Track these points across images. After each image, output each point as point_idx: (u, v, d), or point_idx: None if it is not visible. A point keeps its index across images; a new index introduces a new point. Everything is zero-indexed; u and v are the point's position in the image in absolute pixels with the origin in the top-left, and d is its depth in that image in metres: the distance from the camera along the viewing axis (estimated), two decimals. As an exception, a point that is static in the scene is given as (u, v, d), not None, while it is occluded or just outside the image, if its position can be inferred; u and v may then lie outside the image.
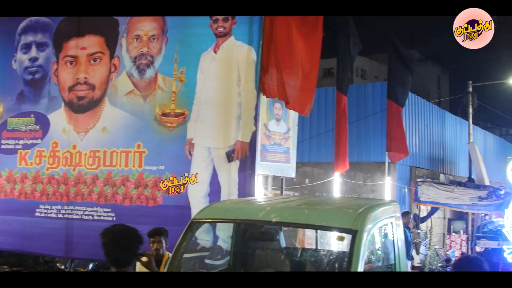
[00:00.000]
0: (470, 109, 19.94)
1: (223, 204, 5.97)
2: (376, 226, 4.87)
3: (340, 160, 10.36)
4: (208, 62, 8.34)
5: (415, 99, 18.22)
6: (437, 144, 20.01)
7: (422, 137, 18.50)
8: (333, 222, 4.64)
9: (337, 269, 5.02)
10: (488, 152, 26.06)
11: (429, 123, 19.31)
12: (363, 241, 4.40)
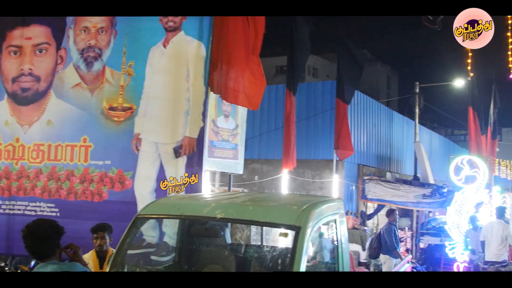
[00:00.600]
0: (416, 109, 20.45)
1: (168, 200, 5.93)
2: (320, 222, 4.93)
3: (288, 157, 10.43)
4: (157, 56, 8.25)
5: (364, 98, 18.54)
6: (384, 143, 20.44)
7: (370, 136, 18.85)
8: (277, 219, 4.68)
9: (280, 265, 5.06)
10: (433, 151, 26.79)
11: (377, 122, 19.69)
12: (306, 238, 4.45)
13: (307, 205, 4.78)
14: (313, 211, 4.72)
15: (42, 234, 3.91)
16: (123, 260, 4.92)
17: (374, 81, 53.84)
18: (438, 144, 29.02)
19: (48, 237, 3.93)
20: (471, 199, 14.23)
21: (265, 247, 5.98)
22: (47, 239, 3.91)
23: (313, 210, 4.74)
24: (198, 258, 5.91)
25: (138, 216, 5.06)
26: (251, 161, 17.33)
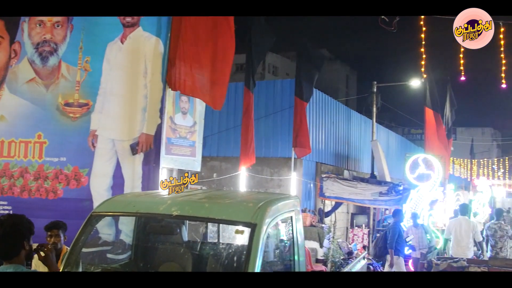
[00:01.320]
0: (374, 108, 20.77)
1: (124, 197, 5.88)
2: (276, 220, 4.97)
3: (246, 155, 10.47)
4: (114, 52, 8.16)
5: (322, 97, 18.70)
6: (342, 141, 20.67)
7: (328, 134, 19.02)
8: (233, 216, 4.70)
9: (236, 262, 5.08)
10: (390, 150, 27.25)
11: (335, 121, 19.89)
12: (262, 235, 4.48)
13: (263, 203, 4.81)
14: (269, 208, 4.76)
15: (1, 232, 3.60)
16: (77, 259, 4.86)
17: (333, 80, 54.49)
18: (395, 143, 29.52)
19: (8, 235, 3.61)
20: (426, 197, 14.58)
21: (221, 244, 5.99)
22: (7, 238, 3.60)
23: (269, 208, 4.77)
24: (154, 256, 5.88)
25: (93, 214, 5.01)
26: (210, 158, 17.28)
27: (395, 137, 30.34)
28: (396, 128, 45.61)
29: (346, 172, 19.73)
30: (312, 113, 17.13)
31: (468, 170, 35.86)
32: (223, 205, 4.95)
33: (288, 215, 5.30)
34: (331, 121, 19.36)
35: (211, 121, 17.22)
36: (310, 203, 17.03)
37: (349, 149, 21.46)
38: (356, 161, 22.37)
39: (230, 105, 17.18)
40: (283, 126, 16.56)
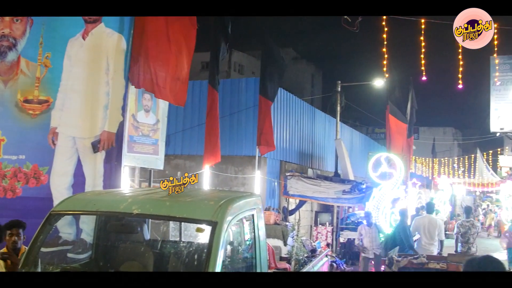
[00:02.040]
0: (338, 107, 20.96)
1: (84, 195, 5.80)
2: (237, 218, 4.97)
3: (210, 153, 10.44)
4: (75, 48, 8.03)
5: (287, 95, 18.78)
6: (307, 140, 20.80)
7: (292, 132, 19.12)
8: (194, 214, 4.69)
9: (197, 260, 5.06)
10: (354, 149, 27.55)
11: (300, 119, 20.00)
12: (223, 233, 4.48)
13: (224, 201, 4.81)
14: (230, 206, 4.76)
15: None
16: (35, 259, 4.78)
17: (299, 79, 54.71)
18: (359, 142, 29.86)
19: None
20: (388, 195, 14.78)
21: (183, 242, 5.96)
22: None
23: (230, 205, 4.78)
24: (116, 255, 5.81)
25: (52, 213, 4.94)
26: (174, 156, 17.19)
27: (359, 136, 30.68)
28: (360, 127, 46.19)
29: (310, 171, 19.87)
30: (276, 111, 17.20)
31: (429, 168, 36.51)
32: (184, 203, 4.93)
33: (250, 213, 5.31)
34: (295, 120, 19.46)
35: (176, 119, 17.12)
36: (274, 201, 17.09)
37: (313, 148, 21.61)
38: (320, 160, 22.54)
39: (195, 103, 17.12)
40: (247, 125, 16.59)
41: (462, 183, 33.44)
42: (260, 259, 5.46)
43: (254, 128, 13.93)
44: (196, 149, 16.53)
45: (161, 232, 6.83)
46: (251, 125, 15.91)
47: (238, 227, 5.32)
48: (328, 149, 23.10)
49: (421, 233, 12.71)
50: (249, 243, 5.46)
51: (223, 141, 16.34)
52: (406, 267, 10.26)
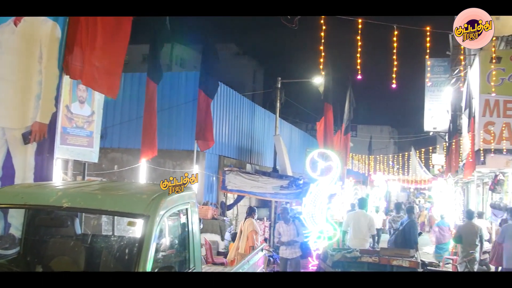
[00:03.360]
0: (277, 103, 21.10)
1: (12, 188, 5.59)
2: (170, 211, 4.93)
3: (147, 147, 10.31)
4: (6, 34, 7.68)
5: (227, 90, 18.77)
6: (246, 135, 20.84)
7: (232, 128, 19.12)
8: (125, 208, 4.62)
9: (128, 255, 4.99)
10: (293, 145, 27.84)
11: (239, 114, 20.02)
12: (155, 227, 4.44)
13: (157, 194, 4.76)
14: (163, 200, 4.72)
15: None
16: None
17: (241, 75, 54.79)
18: (298, 138, 30.18)
19: None
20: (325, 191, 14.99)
21: (114, 237, 5.84)
22: None
23: (163, 199, 4.73)
24: (45, 250, 5.64)
25: (-23, 206, 4.74)
26: (111, 150, 16.87)
27: (298, 132, 31.01)
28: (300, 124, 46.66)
29: (248, 166, 19.94)
30: (216, 106, 17.16)
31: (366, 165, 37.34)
32: (116, 196, 4.84)
33: (184, 207, 5.28)
34: (235, 115, 19.46)
35: (113, 111, 16.80)
36: (212, 196, 17.06)
37: (252, 143, 21.68)
38: (259, 155, 22.65)
39: (133, 95, 16.85)
40: (186, 119, 16.47)
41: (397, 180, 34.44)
42: (194, 254, 5.43)
43: (193, 123, 13.84)
44: (134, 143, 16.23)
45: (92, 226, 6.68)
46: (190, 119, 15.80)
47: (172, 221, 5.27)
48: (267, 144, 23.23)
49: (351, 228, 13.00)
50: (183, 237, 5.42)
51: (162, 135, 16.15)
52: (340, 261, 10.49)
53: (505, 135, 16.59)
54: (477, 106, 17.17)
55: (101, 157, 16.79)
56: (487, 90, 16.21)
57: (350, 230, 13.11)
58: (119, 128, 16.96)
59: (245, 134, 20.73)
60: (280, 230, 12.31)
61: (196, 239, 5.55)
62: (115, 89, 8.16)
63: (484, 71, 16.67)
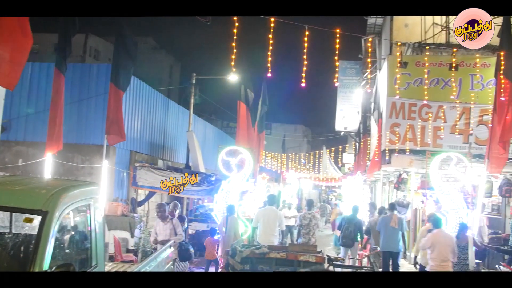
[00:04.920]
0: (192, 99, 21.00)
1: None
2: (71, 207, 4.78)
3: (54, 140, 9.95)
4: None
5: (140, 85, 18.45)
6: (159, 131, 20.58)
7: (144, 123, 18.81)
8: (22, 203, 4.44)
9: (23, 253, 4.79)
10: (207, 142, 27.81)
11: (152, 109, 19.73)
12: (54, 223, 4.30)
13: (57, 189, 4.61)
14: (64, 196, 4.58)
15: None
16: None
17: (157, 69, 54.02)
18: (212, 135, 30.17)
19: None
20: (236, 188, 15.09)
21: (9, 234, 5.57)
22: None
23: (64, 195, 4.59)
24: None
25: None
26: (15, 143, 16.12)
27: (213, 129, 31.00)
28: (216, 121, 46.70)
29: (160, 162, 19.71)
30: (128, 100, 16.82)
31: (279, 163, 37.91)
32: (13, 191, 4.65)
33: (86, 203, 5.14)
34: (148, 110, 19.17)
35: (19, 103, 16.09)
36: (122, 192, 16.73)
37: (165, 139, 21.44)
38: (172, 151, 22.43)
39: (41, 86, 16.20)
40: (97, 112, 16.03)
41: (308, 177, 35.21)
42: (96, 251, 5.30)
43: (104, 116, 13.45)
44: (40, 136, 15.56)
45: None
46: (101, 113, 15.37)
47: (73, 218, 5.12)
48: (180, 140, 23.04)
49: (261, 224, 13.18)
50: (85, 234, 5.27)
51: (71, 129, 15.67)
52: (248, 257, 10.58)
53: (409, 136, 17.40)
54: (384, 108, 17.87)
55: (4, 151, 16.08)
56: (394, 93, 16.92)
57: (260, 226, 13.28)
58: (25, 121, 16.23)
59: (158, 129, 20.46)
60: (156, 228, 11.80)
61: (99, 236, 5.42)
62: (13, 80, 7.78)
63: (392, 75, 17.39)
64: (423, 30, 20.46)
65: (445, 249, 10.46)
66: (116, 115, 12.16)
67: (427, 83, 16.08)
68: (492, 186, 16.13)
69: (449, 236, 10.85)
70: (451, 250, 10.46)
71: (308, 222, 14.17)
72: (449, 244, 10.51)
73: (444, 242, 10.56)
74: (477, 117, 17.27)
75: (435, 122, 17.42)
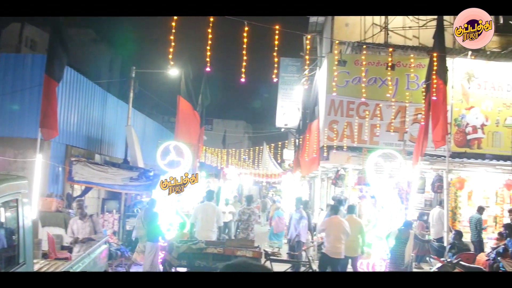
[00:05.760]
0: (131, 93, 20.64)
1: None
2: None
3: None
4: None
5: (77, 77, 17.99)
6: (96, 125, 20.12)
7: (81, 116, 18.35)
8: None
9: None
10: (147, 136, 27.44)
11: (90, 103, 19.28)
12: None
13: (-21, 184, 4.42)
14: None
15: None
16: None
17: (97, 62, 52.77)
18: (152, 130, 29.79)
19: None
20: (176, 183, 14.98)
21: None
22: None
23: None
24: None
25: None
26: None
27: (153, 124, 30.61)
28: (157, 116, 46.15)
29: (97, 156, 19.30)
30: (65, 93, 16.39)
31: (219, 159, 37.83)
32: None
33: (13, 197, 4.95)
34: (85, 103, 18.71)
35: None
36: (57, 187, 16.28)
37: (103, 133, 20.99)
38: (110, 146, 22.00)
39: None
40: (31, 104, 15.50)
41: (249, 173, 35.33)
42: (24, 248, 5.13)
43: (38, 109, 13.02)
44: (-29, 129, 15.03)
45: None
46: (35, 105, 14.86)
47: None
48: (119, 135, 22.59)
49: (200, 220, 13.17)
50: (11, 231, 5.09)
51: (3, 121, 15.14)
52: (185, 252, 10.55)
53: (346, 133, 17.73)
54: (323, 105, 18.13)
55: None
56: (332, 91, 17.20)
57: (198, 222, 13.25)
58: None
59: (95, 123, 20.00)
60: (73, 227, 11.27)
61: (27, 232, 5.24)
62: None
63: (331, 73, 17.64)
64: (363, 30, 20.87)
65: (338, 232, 11.80)
66: (50, 107, 11.81)
67: (364, 81, 16.41)
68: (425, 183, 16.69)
69: (342, 221, 12.18)
70: (343, 231, 11.80)
71: (247, 217, 14.28)
72: (341, 228, 11.88)
73: (337, 225, 11.94)
74: (412, 116, 17.78)
75: (372, 120, 17.81)
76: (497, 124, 18.26)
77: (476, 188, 18.04)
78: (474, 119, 18.27)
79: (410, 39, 20.93)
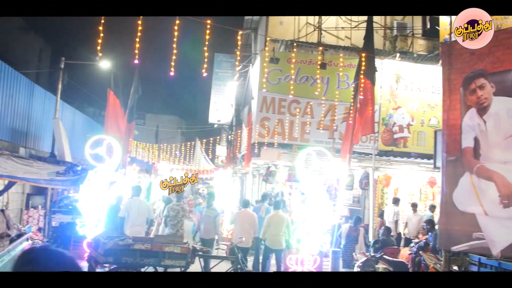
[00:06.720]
0: (59, 85, 20.05)
1: None
2: None
3: None
4: None
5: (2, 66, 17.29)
6: (21, 117, 19.39)
7: (5, 107, 17.64)
8: None
9: None
10: (76, 130, 26.72)
11: (15, 93, 18.55)
12: None
13: None
14: None
15: None
16: None
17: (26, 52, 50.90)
18: (82, 123, 29.03)
19: None
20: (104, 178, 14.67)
21: None
22: None
23: None
24: None
25: None
26: None
27: (82, 117, 29.86)
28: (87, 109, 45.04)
29: (22, 150, 18.63)
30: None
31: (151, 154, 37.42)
32: None
33: None
34: (9, 94, 17.99)
35: None
36: (-22, 183, 15.61)
37: (29, 126, 20.25)
38: (36, 139, 21.25)
39: None
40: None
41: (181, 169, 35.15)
42: None
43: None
44: None
45: None
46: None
47: None
48: (46, 128, 21.85)
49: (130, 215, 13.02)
50: None
51: None
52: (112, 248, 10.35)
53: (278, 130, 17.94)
54: (255, 102, 18.25)
55: None
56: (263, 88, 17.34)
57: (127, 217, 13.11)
58: None
59: (20, 115, 19.26)
60: None
61: None
62: None
63: (263, 70, 17.78)
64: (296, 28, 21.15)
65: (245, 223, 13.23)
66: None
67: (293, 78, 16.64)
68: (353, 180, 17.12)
69: (251, 214, 13.73)
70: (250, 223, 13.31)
71: (176, 213, 14.17)
72: (249, 220, 13.37)
73: (245, 217, 13.41)
74: (342, 114, 18.19)
75: (303, 118, 18.10)
76: (422, 124, 18.98)
77: (401, 185, 18.70)
78: (401, 118, 18.92)
79: (342, 40, 21.41)
